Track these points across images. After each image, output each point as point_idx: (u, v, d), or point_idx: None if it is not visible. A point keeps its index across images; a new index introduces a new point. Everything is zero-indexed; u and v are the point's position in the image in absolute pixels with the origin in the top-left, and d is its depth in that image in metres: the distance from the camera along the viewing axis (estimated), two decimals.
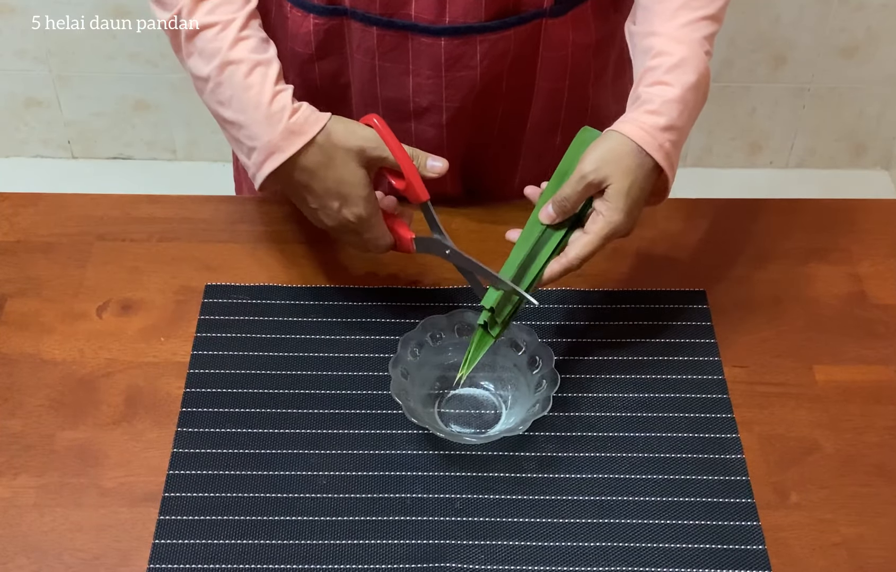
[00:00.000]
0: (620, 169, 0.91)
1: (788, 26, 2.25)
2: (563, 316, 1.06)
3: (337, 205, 0.96)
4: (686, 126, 0.94)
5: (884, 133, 2.44)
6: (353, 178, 0.95)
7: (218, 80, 0.95)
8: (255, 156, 0.95)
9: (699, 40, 0.95)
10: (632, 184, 0.91)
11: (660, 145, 0.92)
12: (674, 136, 0.93)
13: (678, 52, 0.93)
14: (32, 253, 1.12)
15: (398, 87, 1.07)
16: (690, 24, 0.95)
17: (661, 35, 0.95)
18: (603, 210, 0.92)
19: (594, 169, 0.92)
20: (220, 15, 0.96)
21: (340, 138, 0.95)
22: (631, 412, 0.98)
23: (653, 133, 0.92)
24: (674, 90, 0.93)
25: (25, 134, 2.44)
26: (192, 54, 0.97)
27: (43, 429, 0.96)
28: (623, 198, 0.91)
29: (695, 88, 0.94)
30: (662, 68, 0.93)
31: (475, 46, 1.04)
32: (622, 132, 0.92)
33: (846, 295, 1.09)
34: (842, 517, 0.91)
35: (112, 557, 0.88)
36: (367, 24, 1.04)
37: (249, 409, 0.98)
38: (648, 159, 0.92)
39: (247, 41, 0.95)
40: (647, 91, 0.94)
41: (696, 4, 0.95)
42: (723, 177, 2.46)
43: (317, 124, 0.94)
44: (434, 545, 0.88)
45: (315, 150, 0.94)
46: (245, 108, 0.94)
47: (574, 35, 1.08)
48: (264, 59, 0.95)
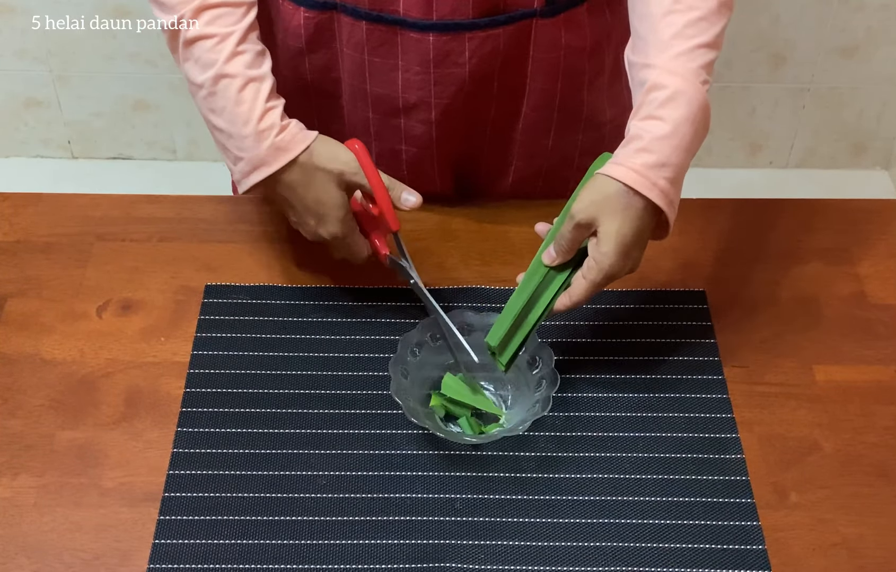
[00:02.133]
0: (608, 210, 0.90)
1: (788, 26, 2.25)
2: (563, 316, 1.05)
3: (313, 223, 1.00)
4: (682, 160, 0.92)
5: (884, 133, 2.44)
6: (331, 200, 0.99)
7: (212, 91, 0.98)
8: (242, 166, 0.99)
9: (695, 70, 0.92)
10: (620, 225, 0.90)
11: (653, 183, 0.90)
12: (669, 173, 0.91)
13: (672, 85, 0.91)
14: (32, 253, 1.12)
15: (387, 83, 1.08)
16: (685, 53, 0.92)
17: (656, 67, 0.93)
18: (595, 256, 0.92)
19: (582, 209, 0.91)
20: (219, 27, 0.98)
21: (322, 160, 0.98)
22: (631, 412, 0.98)
23: (643, 172, 0.90)
24: (665, 126, 0.91)
25: (25, 134, 2.44)
26: (188, 60, 0.99)
27: (43, 429, 0.96)
28: (612, 240, 0.90)
29: (689, 121, 0.91)
30: (656, 103, 0.92)
31: (464, 43, 1.04)
32: (609, 175, 0.91)
33: (846, 295, 1.09)
34: (842, 517, 0.91)
35: (112, 557, 0.88)
36: (356, 19, 1.04)
37: (249, 409, 0.98)
38: (638, 199, 0.90)
39: (242, 56, 0.98)
40: (637, 126, 0.92)
41: (690, 33, 0.93)
42: (723, 177, 2.46)
43: (302, 143, 0.98)
44: (434, 545, 0.88)
45: (296, 169, 0.98)
46: (235, 122, 0.98)
47: (567, 37, 1.08)
48: (258, 75, 0.98)
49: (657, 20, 0.94)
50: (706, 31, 0.94)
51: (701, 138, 0.94)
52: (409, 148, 1.13)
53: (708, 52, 0.94)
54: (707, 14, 0.94)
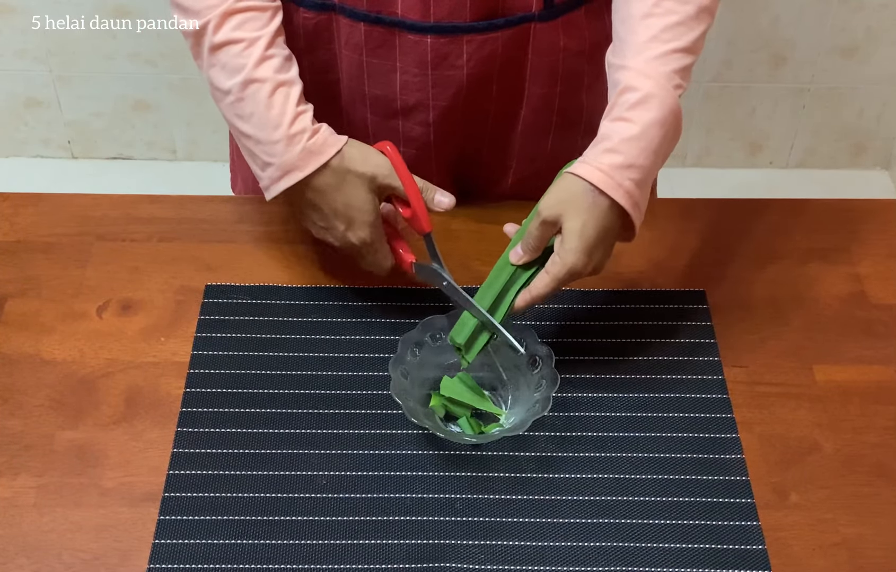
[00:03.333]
0: (573, 208, 0.91)
1: (788, 26, 2.25)
2: (563, 316, 1.06)
3: (342, 228, 0.99)
4: (651, 163, 0.92)
5: (884, 133, 2.44)
6: (362, 203, 0.97)
7: (240, 96, 0.97)
8: (271, 171, 0.98)
9: (667, 74, 0.92)
10: (584, 223, 0.91)
11: (618, 184, 0.91)
12: (635, 175, 0.91)
13: (644, 88, 0.92)
14: (32, 253, 1.12)
15: (385, 84, 1.08)
16: (660, 57, 0.93)
17: (630, 69, 0.93)
18: (559, 251, 0.92)
19: (548, 206, 0.92)
20: (246, 31, 0.97)
21: (354, 163, 0.97)
22: (631, 412, 0.98)
23: (610, 172, 0.91)
24: (634, 127, 0.91)
25: (25, 134, 2.44)
26: (214, 66, 0.98)
27: (43, 429, 0.96)
28: (576, 237, 0.91)
29: (659, 124, 0.92)
30: (626, 104, 0.92)
31: (461, 46, 1.04)
32: (576, 173, 0.92)
33: (846, 295, 1.09)
34: (842, 517, 0.91)
35: (112, 557, 0.88)
36: (354, 20, 1.04)
37: (249, 409, 0.98)
38: (603, 199, 0.91)
39: (271, 60, 0.97)
40: (607, 127, 0.93)
41: (667, 37, 0.93)
42: (723, 177, 2.46)
43: (334, 147, 0.97)
44: (434, 545, 0.88)
45: (328, 173, 0.97)
46: (265, 127, 0.96)
47: (565, 40, 1.08)
48: (287, 79, 0.98)
49: (636, 23, 0.94)
50: (683, 36, 0.94)
51: (672, 142, 0.95)
52: (408, 150, 1.13)
53: (684, 56, 0.94)
54: (685, 19, 0.94)
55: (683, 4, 0.94)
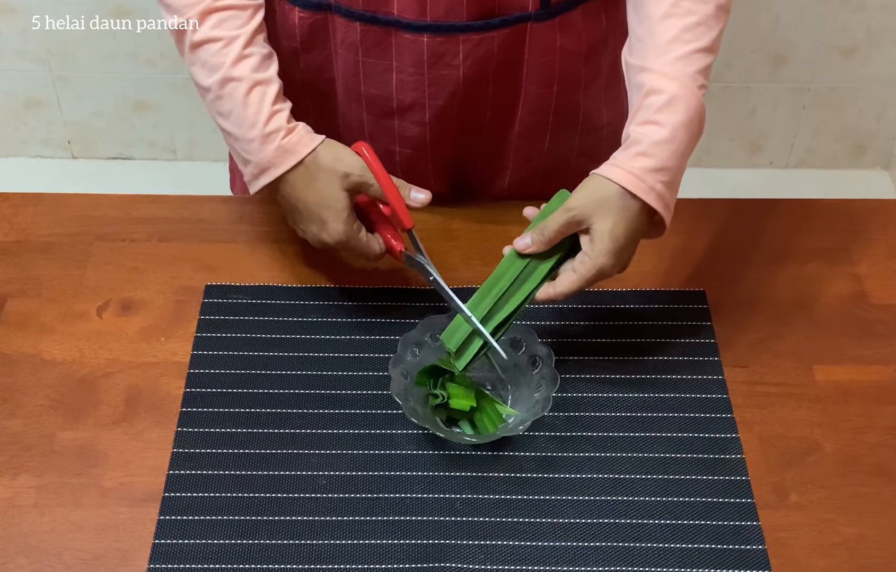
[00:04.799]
0: (604, 210, 0.92)
1: (788, 26, 2.25)
2: (563, 316, 1.06)
3: (316, 229, 1.00)
4: (679, 165, 0.93)
5: (884, 133, 2.44)
6: (333, 201, 0.98)
7: (219, 94, 0.98)
8: (250, 169, 1.00)
9: (692, 75, 0.93)
10: (615, 225, 0.91)
11: (650, 187, 0.92)
12: (665, 177, 0.92)
13: (669, 89, 0.92)
14: (32, 253, 1.12)
15: (381, 84, 1.08)
16: (683, 58, 0.93)
17: (653, 71, 0.94)
18: (589, 252, 0.93)
19: (578, 206, 0.93)
20: (225, 30, 0.98)
21: (327, 161, 0.98)
22: (631, 412, 0.98)
23: (642, 176, 0.91)
24: (664, 131, 0.92)
25: (25, 134, 2.44)
26: (194, 63, 1.00)
27: (43, 429, 0.96)
28: (607, 238, 0.91)
29: (686, 126, 0.93)
30: (653, 107, 0.93)
31: (458, 45, 1.04)
32: (608, 177, 0.92)
33: (846, 295, 1.09)
34: (842, 517, 0.91)
35: (112, 557, 0.88)
36: (350, 20, 1.04)
37: (249, 409, 0.98)
38: (635, 202, 0.92)
39: (249, 59, 0.98)
40: (637, 131, 0.93)
41: (688, 37, 0.94)
42: (723, 177, 2.46)
43: (308, 146, 0.98)
44: (434, 545, 0.88)
45: (301, 169, 0.98)
46: (242, 125, 0.98)
47: (562, 40, 1.08)
48: (264, 78, 0.99)
49: (655, 23, 0.94)
50: (703, 36, 0.94)
51: (696, 142, 0.95)
52: (404, 149, 1.13)
53: (705, 56, 0.95)
54: (704, 18, 0.95)
55: (703, 4, 0.95)
